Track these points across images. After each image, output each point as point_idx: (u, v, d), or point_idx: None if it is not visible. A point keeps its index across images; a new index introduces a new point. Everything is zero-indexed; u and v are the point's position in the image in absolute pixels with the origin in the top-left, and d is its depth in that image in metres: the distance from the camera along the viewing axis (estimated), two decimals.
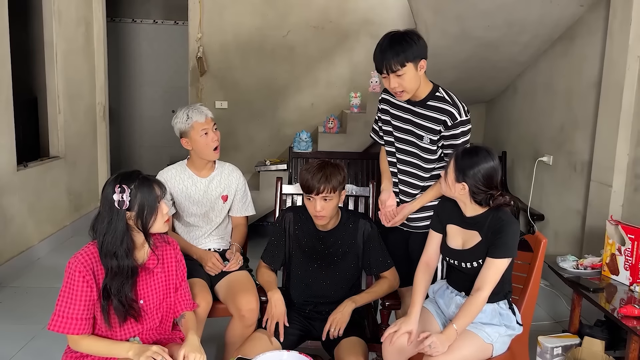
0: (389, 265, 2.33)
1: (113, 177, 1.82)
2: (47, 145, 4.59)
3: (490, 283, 1.93)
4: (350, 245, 2.31)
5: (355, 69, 5.49)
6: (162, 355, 1.72)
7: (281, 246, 2.36)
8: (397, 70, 2.12)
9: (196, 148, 2.52)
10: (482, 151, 1.98)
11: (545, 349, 2.45)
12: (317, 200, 2.17)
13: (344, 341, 2.17)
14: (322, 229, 2.31)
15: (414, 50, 2.12)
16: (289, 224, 2.36)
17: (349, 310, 2.19)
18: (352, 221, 2.34)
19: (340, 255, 2.32)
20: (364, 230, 2.32)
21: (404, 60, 2.11)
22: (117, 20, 6.89)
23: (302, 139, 4.47)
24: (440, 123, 2.23)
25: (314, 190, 2.15)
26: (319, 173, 2.16)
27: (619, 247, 2.45)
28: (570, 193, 3.63)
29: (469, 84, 4.44)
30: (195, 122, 2.48)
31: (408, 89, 2.19)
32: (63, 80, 4.53)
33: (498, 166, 1.98)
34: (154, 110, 7.10)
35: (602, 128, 3.20)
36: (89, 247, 1.83)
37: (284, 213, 2.39)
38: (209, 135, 2.50)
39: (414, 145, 2.33)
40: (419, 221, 2.42)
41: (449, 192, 2.02)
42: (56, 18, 4.39)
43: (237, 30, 5.51)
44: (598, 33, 3.33)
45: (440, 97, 2.24)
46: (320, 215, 2.20)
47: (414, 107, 2.28)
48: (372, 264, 2.33)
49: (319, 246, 2.32)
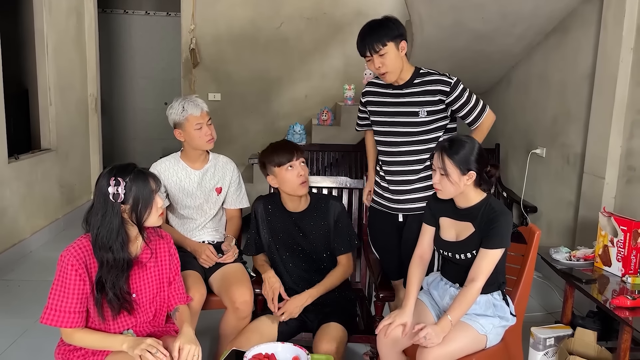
0: (354, 245, 2.41)
1: (108, 170, 1.81)
2: (38, 138, 4.55)
3: (483, 274, 1.94)
4: (323, 227, 2.37)
5: (349, 61, 5.47)
6: (156, 347, 1.71)
7: (259, 235, 2.43)
8: (379, 50, 2.24)
9: (189, 140, 2.51)
10: (463, 138, 2.03)
11: (538, 339, 2.46)
12: (298, 164, 2.28)
13: (322, 327, 2.20)
14: (293, 210, 2.37)
15: (393, 30, 2.26)
16: (261, 214, 2.41)
17: (306, 303, 2.24)
18: (322, 202, 2.40)
19: (316, 238, 2.36)
20: (335, 209, 2.39)
21: (385, 39, 2.23)
22: (108, 11, 6.82)
23: (295, 131, 4.46)
24: (437, 93, 2.32)
25: (293, 156, 2.27)
26: (283, 143, 2.35)
27: (611, 239, 2.46)
28: (563, 185, 3.64)
29: (463, 76, 4.36)
30: (190, 115, 2.46)
31: (391, 69, 2.29)
32: (54, 72, 4.48)
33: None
34: (147, 102, 7.05)
35: (595, 120, 3.21)
36: (81, 240, 1.82)
37: (253, 205, 2.45)
38: (203, 129, 2.48)
39: (407, 125, 2.36)
40: (407, 203, 2.42)
41: (456, 189, 1.99)
42: (46, 9, 4.34)
43: (230, 21, 5.47)
44: (592, 25, 3.33)
45: (425, 72, 2.37)
46: (305, 180, 2.30)
47: (402, 90, 2.38)
48: (340, 242, 2.38)
49: (293, 229, 2.36)
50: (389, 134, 2.42)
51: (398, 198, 2.44)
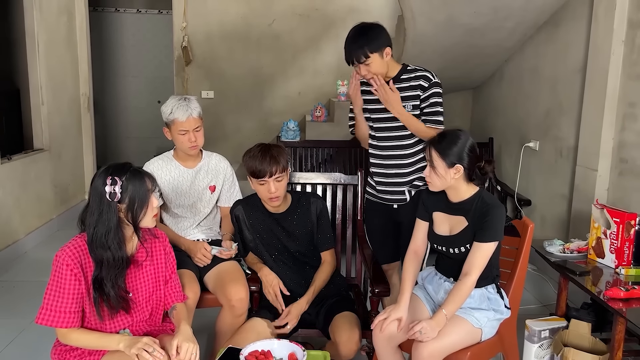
0: (333, 243, 2.42)
1: (103, 169, 1.80)
2: (31, 138, 4.52)
3: (477, 267, 1.95)
4: (307, 224, 2.38)
5: (341, 57, 5.29)
6: (153, 346, 1.71)
7: (243, 238, 2.43)
8: (363, 61, 2.34)
9: (174, 141, 2.51)
10: (455, 132, 2.03)
11: (533, 332, 2.48)
12: (271, 182, 2.21)
13: (337, 317, 2.21)
14: (275, 211, 2.36)
15: (376, 42, 2.33)
16: (242, 217, 2.40)
17: (304, 309, 2.25)
18: (304, 200, 2.41)
19: (300, 236, 2.37)
20: (317, 206, 2.40)
21: (368, 50, 2.32)
22: (99, 10, 6.77)
23: (289, 128, 4.45)
24: (417, 88, 2.40)
25: (266, 174, 2.19)
26: (267, 156, 2.20)
27: (604, 231, 2.47)
28: (557, 178, 3.66)
29: (456, 71, 4.44)
30: (176, 119, 2.43)
31: (378, 75, 2.38)
32: (45, 71, 4.46)
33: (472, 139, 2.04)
34: (139, 101, 7.02)
35: (588, 113, 3.23)
36: (76, 239, 1.81)
37: (233, 209, 2.43)
38: (187, 136, 2.44)
39: (394, 119, 2.43)
40: (400, 194, 2.51)
41: (443, 183, 2.01)
42: (37, 8, 4.31)
43: (222, 18, 5.45)
44: (583, 18, 3.35)
45: (411, 69, 2.45)
46: (275, 197, 2.24)
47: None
48: (323, 239, 2.40)
49: (276, 229, 2.36)
50: (379, 129, 2.51)
51: (391, 189, 2.52)
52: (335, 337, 2.14)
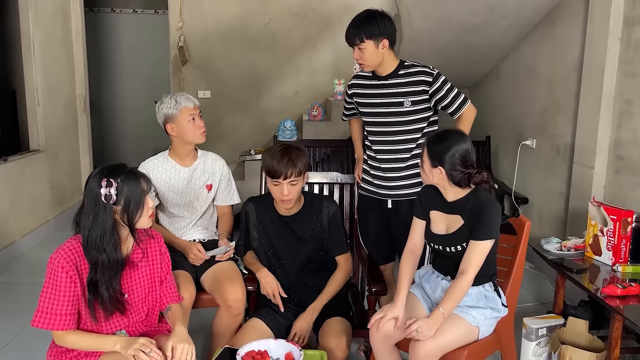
0: (347, 248, 2.38)
1: (98, 170, 1.79)
2: (27, 139, 4.51)
3: (474, 265, 1.95)
4: (316, 228, 2.34)
5: (338, 56, 5.46)
6: (149, 347, 1.71)
7: (249, 236, 2.41)
8: (357, 44, 2.37)
9: (182, 133, 2.50)
10: (452, 134, 2.00)
11: (530, 330, 2.48)
12: (284, 185, 2.17)
13: (327, 322, 2.20)
14: (285, 214, 2.33)
15: (375, 29, 2.34)
16: (252, 215, 2.38)
17: (313, 319, 2.23)
18: (316, 203, 2.36)
19: (309, 239, 2.34)
20: (329, 210, 2.35)
21: (364, 36, 2.34)
22: (95, 10, 6.76)
23: (286, 127, 4.45)
24: (420, 83, 2.42)
25: (281, 175, 2.15)
26: (285, 157, 2.15)
27: (601, 228, 2.47)
28: (554, 176, 3.66)
29: (452, 69, 4.42)
30: (184, 107, 2.47)
31: (368, 63, 2.42)
32: (41, 72, 4.44)
33: (470, 146, 1.98)
34: (136, 102, 7.01)
35: (584, 111, 3.23)
36: (71, 241, 1.80)
37: (245, 206, 2.41)
38: (196, 121, 2.50)
39: (393, 115, 2.46)
40: (396, 189, 2.53)
41: (428, 179, 2.04)
42: (32, 9, 4.30)
43: (218, 18, 5.44)
44: (579, 16, 3.35)
45: (409, 65, 2.47)
46: (287, 200, 2.21)
47: (387, 80, 2.48)
48: (333, 244, 2.36)
49: (285, 232, 2.34)
50: (377, 124, 2.53)
51: (387, 184, 2.54)
52: (324, 343, 2.13)
